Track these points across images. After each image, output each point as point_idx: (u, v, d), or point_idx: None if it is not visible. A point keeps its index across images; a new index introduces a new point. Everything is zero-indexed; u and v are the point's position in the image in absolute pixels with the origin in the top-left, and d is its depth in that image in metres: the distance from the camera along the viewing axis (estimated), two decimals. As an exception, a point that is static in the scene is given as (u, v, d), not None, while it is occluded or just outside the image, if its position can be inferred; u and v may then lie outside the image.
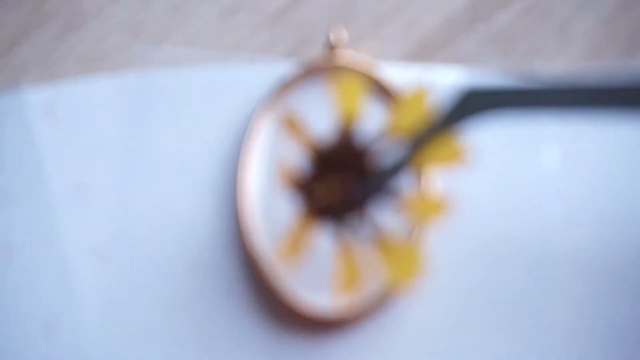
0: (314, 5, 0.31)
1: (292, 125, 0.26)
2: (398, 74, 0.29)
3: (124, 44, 0.31)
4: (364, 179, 0.25)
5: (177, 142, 0.29)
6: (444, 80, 0.29)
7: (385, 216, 0.26)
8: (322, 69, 0.29)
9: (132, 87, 0.29)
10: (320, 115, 0.28)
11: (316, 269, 0.28)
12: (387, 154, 0.25)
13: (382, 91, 0.29)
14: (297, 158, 0.27)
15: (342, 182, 0.25)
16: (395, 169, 0.25)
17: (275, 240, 0.28)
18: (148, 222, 0.28)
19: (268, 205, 0.28)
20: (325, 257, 0.27)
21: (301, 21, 0.31)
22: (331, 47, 0.29)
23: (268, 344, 0.27)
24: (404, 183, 0.26)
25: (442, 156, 0.25)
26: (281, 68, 0.29)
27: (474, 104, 0.24)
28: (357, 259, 0.25)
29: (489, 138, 0.29)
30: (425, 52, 0.30)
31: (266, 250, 0.28)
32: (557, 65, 0.30)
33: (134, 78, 0.29)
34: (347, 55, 0.29)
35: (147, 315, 0.28)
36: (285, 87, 0.29)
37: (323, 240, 0.27)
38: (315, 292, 0.27)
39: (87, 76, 0.30)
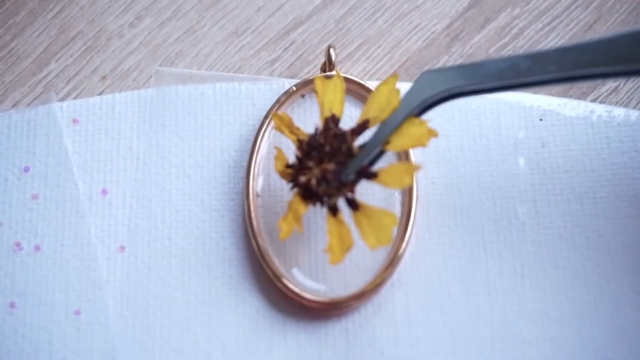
0: (311, 29, 0.33)
1: (283, 123, 0.28)
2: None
3: (143, 64, 0.33)
4: (343, 164, 0.27)
5: (189, 150, 0.31)
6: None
7: (366, 191, 0.29)
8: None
9: (149, 101, 0.31)
10: (312, 125, 0.30)
11: (314, 261, 0.29)
12: (362, 140, 0.27)
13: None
14: (290, 154, 0.29)
15: (322, 169, 0.27)
16: (368, 152, 0.27)
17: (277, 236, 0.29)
18: (163, 221, 0.30)
19: (272, 204, 0.30)
20: (321, 252, 0.29)
21: (299, 44, 0.33)
22: (325, 67, 0.31)
23: (272, 325, 0.29)
24: (379, 161, 0.28)
25: (408, 139, 0.27)
26: (281, 85, 0.31)
27: (430, 84, 0.26)
28: (345, 230, 0.27)
29: (472, 138, 0.31)
30: (409, 70, 0.32)
31: (270, 246, 0.29)
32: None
33: (151, 93, 0.31)
34: (339, 74, 0.30)
35: (162, 301, 0.29)
36: (284, 101, 0.31)
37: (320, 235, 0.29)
38: (314, 280, 0.29)
39: (109, 92, 0.32)
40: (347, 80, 0.31)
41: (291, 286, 0.28)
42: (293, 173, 0.28)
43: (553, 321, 0.28)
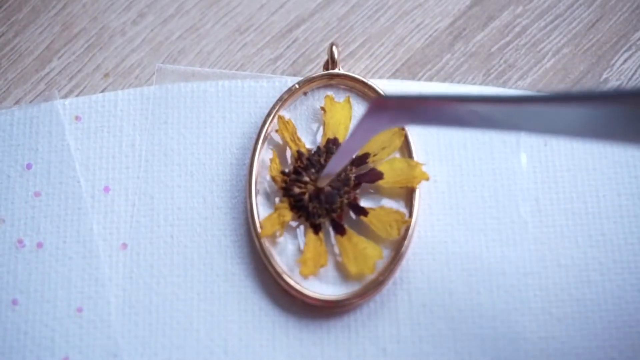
0: (314, 27, 0.33)
1: (287, 129, 0.30)
2: (388, 89, 0.31)
3: (145, 61, 0.33)
4: (338, 189, 0.29)
5: (192, 148, 0.31)
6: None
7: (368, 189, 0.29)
8: (318, 85, 0.31)
9: (151, 98, 0.31)
10: (314, 124, 0.31)
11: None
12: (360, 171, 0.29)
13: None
14: (285, 161, 0.30)
15: (318, 188, 0.29)
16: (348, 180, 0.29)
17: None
18: (166, 218, 0.30)
19: (275, 202, 0.30)
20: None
21: (302, 41, 0.33)
22: (328, 65, 0.31)
23: (274, 323, 0.29)
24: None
25: (400, 177, 0.29)
26: (284, 83, 0.31)
27: (384, 111, 0.24)
28: (322, 249, 0.28)
29: (475, 136, 0.31)
30: (412, 68, 0.32)
31: (272, 243, 0.29)
32: (529, 80, 0.32)
33: (154, 91, 0.31)
34: (342, 73, 0.31)
35: (164, 298, 0.29)
36: (287, 99, 0.31)
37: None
38: (316, 278, 0.29)
39: (112, 89, 0.32)
40: (349, 78, 0.31)
41: (293, 284, 0.29)
42: (288, 182, 0.29)
43: (555, 319, 0.28)
